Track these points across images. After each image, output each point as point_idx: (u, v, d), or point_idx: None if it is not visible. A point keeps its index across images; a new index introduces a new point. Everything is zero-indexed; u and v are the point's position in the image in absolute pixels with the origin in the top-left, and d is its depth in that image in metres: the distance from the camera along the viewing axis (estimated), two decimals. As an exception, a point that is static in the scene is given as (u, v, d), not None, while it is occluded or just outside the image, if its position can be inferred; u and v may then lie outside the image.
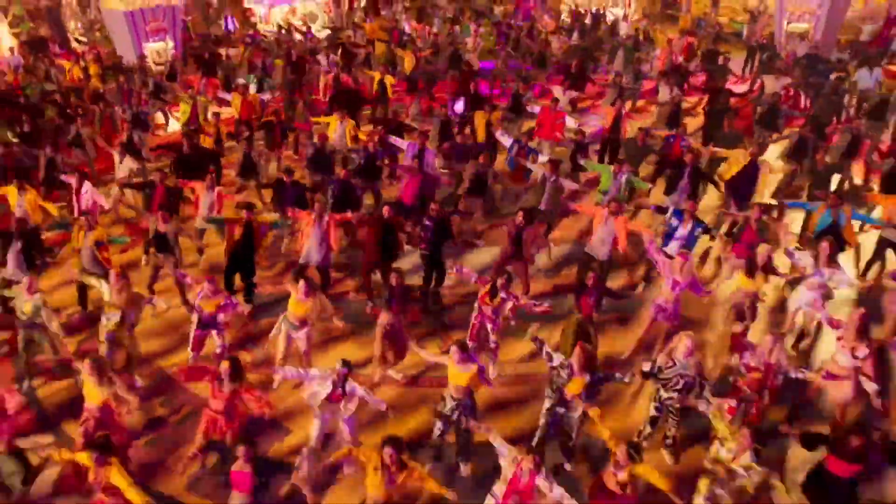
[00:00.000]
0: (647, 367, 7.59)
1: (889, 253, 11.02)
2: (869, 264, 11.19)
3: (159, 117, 18.21)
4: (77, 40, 26.88)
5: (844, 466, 6.32)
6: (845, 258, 10.89)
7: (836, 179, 13.57)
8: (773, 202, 13.06)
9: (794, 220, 12.52)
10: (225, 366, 7.08)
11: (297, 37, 24.47)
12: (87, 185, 11.32)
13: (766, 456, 6.75)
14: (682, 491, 6.58)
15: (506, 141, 13.30)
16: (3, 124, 16.22)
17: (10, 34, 24.53)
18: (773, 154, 14.99)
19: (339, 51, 21.20)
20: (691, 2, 29.44)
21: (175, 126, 18.03)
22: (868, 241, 11.54)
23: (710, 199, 13.48)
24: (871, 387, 7.65)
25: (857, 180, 14.28)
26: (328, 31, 25.86)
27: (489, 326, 8.82)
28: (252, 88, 17.73)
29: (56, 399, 8.81)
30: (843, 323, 8.17)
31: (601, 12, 26.76)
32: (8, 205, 11.31)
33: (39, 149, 13.49)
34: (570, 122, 15.10)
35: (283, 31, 24.76)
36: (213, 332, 8.76)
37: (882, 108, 16.03)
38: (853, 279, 10.07)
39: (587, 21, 25.55)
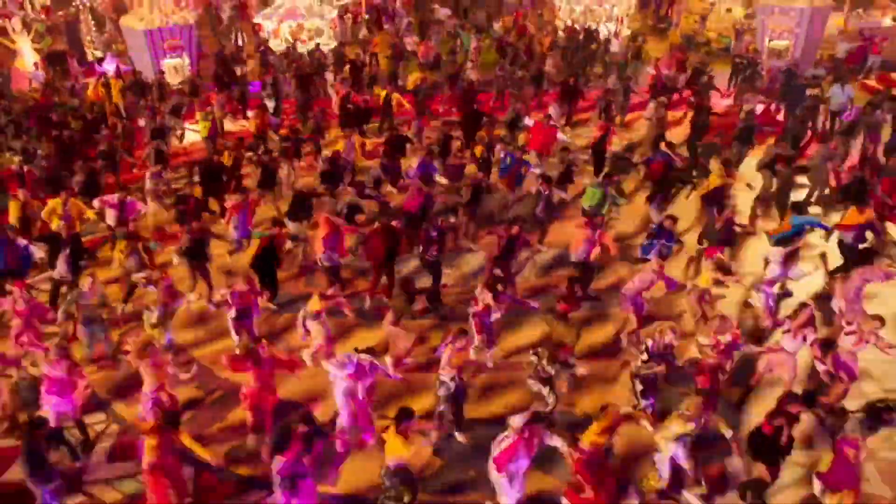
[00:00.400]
0: (641, 348, 8.91)
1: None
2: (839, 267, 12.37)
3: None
4: (94, 55, 28.17)
5: (770, 429, 7.59)
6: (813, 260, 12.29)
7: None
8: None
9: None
10: (263, 347, 8.40)
11: (303, 51, 25.80)
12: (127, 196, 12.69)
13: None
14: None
15: (501, 154, 14.60)
16: (36, 138, 17.59)
17: (32, 49, 25.80)
18: (750, 167, 16.17)
19: (348, 68, 22.49)
20: (681, 17, 30.76)
21: (192, 138, 19.33)
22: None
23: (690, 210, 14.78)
24: (821, 367, 8.97)
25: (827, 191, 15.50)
26: (334, 45, 27.21)
27: (488, 321, 10.08)
28: (269, 105, 19.06)
29: (105, 383, 10.08)
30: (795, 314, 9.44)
31: (595, 28, 28.00)
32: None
33: (73, 161, 14.83)
34: (562, 137, 16.36)
35: (291, 47, 26.02)
36: (246, 323, 10.04)
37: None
38: (806, 274, 11.32)
39: (581, 38, 26.77)
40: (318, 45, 25.78)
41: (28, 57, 25.51)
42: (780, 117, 19.56)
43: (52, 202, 12.62)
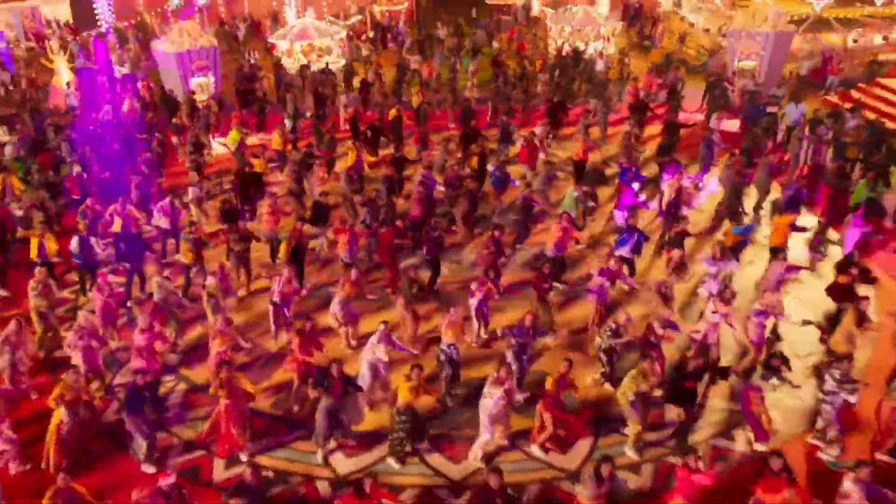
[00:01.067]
0: (613, 329, 11.29)
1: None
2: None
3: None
4: (120, 72, 30.63)
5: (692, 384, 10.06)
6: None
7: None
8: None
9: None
10: (307, 326, 10.93)
11: (315, 69, 28.29)
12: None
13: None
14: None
15: (491, 168, 17.11)
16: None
17: (68, 69, 28.25)
18: (713, 179, 18.55)
19: (359, 86, 24.97)
20: (663, 37, 33.28)
21: (220, 150, 21.77)
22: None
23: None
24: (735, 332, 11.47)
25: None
26: (343, 63, 29.76)
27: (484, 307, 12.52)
28: (287, 124, 21.54)
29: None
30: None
31: (583, 48, 30.48)
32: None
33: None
34: (542, 156, 18.84)
35: (305, 66, 28.50)
36: (285, 309, 12.50)
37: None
38: (737, 269, 13.73)
39: (569, 58, 29.24)
40: (327, 63, 28.20)
41: (64, 75, 27.93)
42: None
43: (112, 206, 15.08)
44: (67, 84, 27.69)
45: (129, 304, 13.50)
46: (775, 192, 17.52)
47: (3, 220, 14.99)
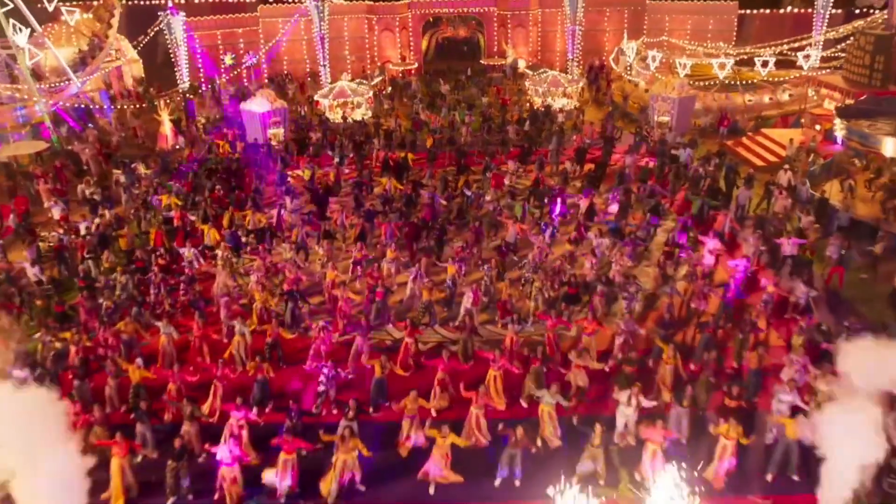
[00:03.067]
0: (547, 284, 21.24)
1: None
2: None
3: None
4: (204, 124, 40.91)
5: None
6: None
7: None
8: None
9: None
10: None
11: (351, 120, 38.61)
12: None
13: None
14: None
15: (468, 192, 27.25)
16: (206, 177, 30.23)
17: (168, 119, 38.47)
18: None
19: (383, 135, 35.26)
20: (613, 94, 43.61)
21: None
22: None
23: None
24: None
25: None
26: (369, 116, 40.06)
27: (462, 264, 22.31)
28: (336, 160, 31.71)
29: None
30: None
31: (551, 105, 40.71)
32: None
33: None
34: (507, 181, 28.88)
35: (344, 118, 38.86)
36: (359, 267, 22.44)
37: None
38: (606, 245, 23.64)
39: (540, 112, 39.45)
40: (363, 116, 38.55)
41: (167, 125, 38.19)
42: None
43: (238, 213, 25.18)
44: (172, 132, 37.94)
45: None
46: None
47: (182, 219, 25.01)
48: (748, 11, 53.59)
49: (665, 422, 14.45)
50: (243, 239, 24.52)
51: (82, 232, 24.57)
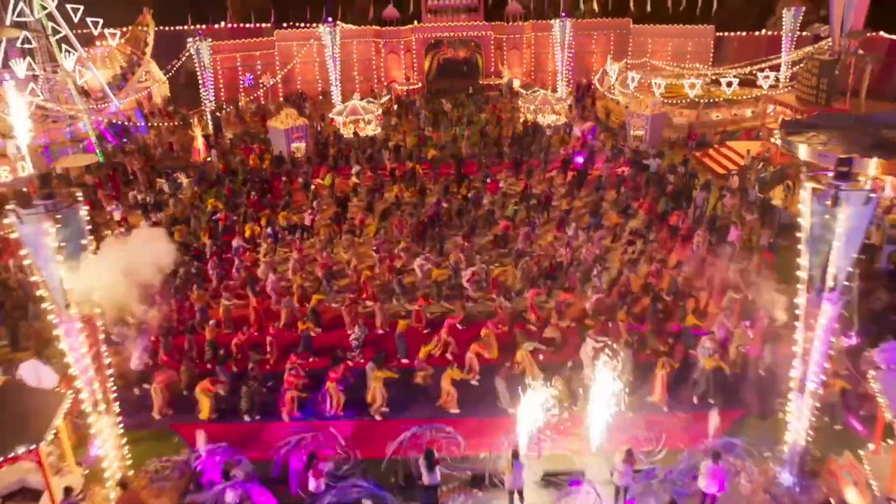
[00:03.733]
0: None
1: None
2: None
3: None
4: (230, 139, 45.83)
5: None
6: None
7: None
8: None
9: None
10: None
11: (363, 136, 43.52)
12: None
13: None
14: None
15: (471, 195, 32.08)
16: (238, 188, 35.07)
17: (201, 134, 43.34)
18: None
19: (392, 148, 40.16)
20: (597, 111, 48.56)
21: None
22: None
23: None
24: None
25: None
26: (380, 131, 44.95)
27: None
28: (354, 171, 36.55)
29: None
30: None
31: (541, 120, 45.62)
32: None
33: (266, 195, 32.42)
34: (501, 185, 33.70)
35: (356, 134, 43.75)
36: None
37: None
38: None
39: (530, 128, 44.35)
40: (373, 132, 43.50)
41: (199, 140, 43.07)
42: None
43: (272, 214, 29.99)
44: (204, 147, 42.81)
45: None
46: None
47: (227, 218, 29.82)
48: (725, 34, 58.70)
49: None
50: (279, 235, 29.28)
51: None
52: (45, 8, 42.52)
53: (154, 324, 21.86)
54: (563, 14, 52.98)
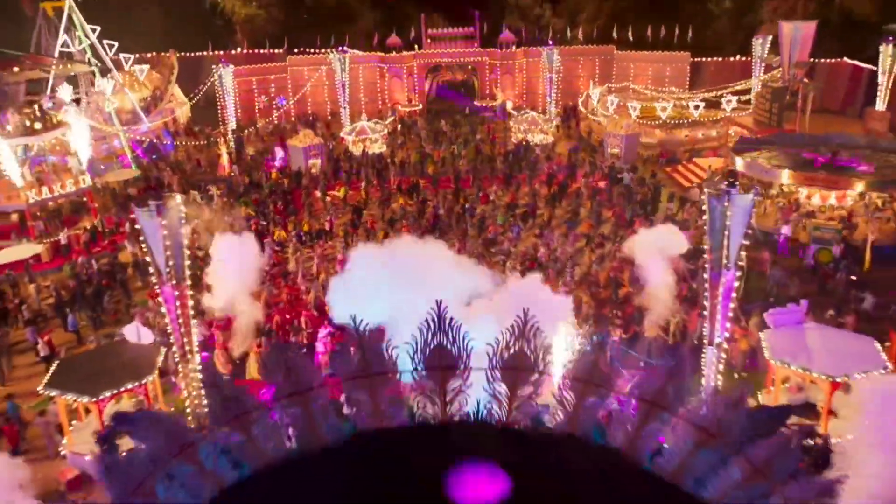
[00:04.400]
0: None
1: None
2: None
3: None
4: (251, 156, 51.06)
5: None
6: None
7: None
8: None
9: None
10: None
11: (370, 153, 48.82)
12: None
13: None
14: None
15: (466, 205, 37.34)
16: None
17: (227, 153, 48.54)
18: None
19: (398, 164, 45.45)
20: (581, 129, 53.95)
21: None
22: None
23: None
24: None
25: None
26: (386, 149, 50.19)
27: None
28: (362, 185, 41.79)
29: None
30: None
31: (530, 140, 50.92)
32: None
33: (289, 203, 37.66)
34: (492, 197, 38.93)
35: (364, 152, 49.06)
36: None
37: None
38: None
39: (521, 146, 49.64)
40: (380, 150, 48.85)
41: (224, 157, 48.29)
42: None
43: (295, 220, 35.14)
44: (228, 163, 48.00)
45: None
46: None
47: (257, 224, 34.98)
48: (701, 59, 63.99)
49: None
50: (303, 238, 34.46)
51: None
52: (87, 39, 48.14)
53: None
54: (551, 42, 58.42)
